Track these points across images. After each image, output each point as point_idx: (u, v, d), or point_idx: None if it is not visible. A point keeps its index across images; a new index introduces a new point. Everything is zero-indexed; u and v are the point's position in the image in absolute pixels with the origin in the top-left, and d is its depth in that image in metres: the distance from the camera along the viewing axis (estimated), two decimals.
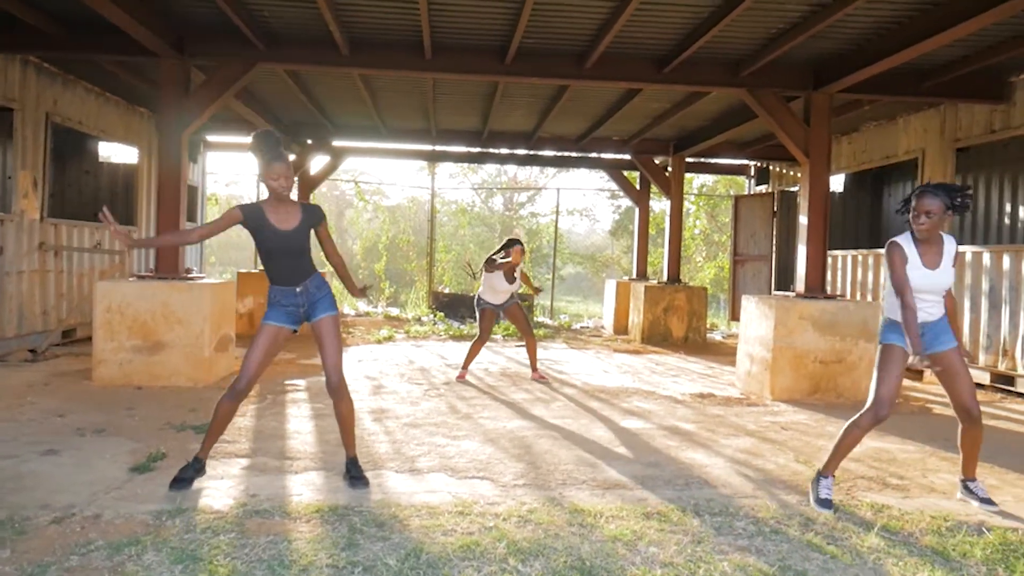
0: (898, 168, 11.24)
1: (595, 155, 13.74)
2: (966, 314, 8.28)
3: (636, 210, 14.52)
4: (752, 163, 14.34)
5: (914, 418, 6.52)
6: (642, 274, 14.06)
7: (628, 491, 4.10)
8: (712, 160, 14.06)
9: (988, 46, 6.92)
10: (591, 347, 11.38)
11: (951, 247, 3.97)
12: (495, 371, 8.43)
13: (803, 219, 7.81)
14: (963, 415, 4.02)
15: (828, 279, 10.91)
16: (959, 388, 3.99)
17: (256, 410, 5.88)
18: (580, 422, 5.89)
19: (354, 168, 28.08)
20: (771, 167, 13.83)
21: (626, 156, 13.26)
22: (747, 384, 7.65)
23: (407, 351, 10.09)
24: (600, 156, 13.83)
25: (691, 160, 13.40)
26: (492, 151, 13.63)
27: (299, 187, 12.89)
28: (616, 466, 4.62)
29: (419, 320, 14.19)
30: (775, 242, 13.29)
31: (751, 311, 7.73)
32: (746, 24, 6.50)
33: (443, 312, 14.65)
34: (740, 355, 7.94)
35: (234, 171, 42.46)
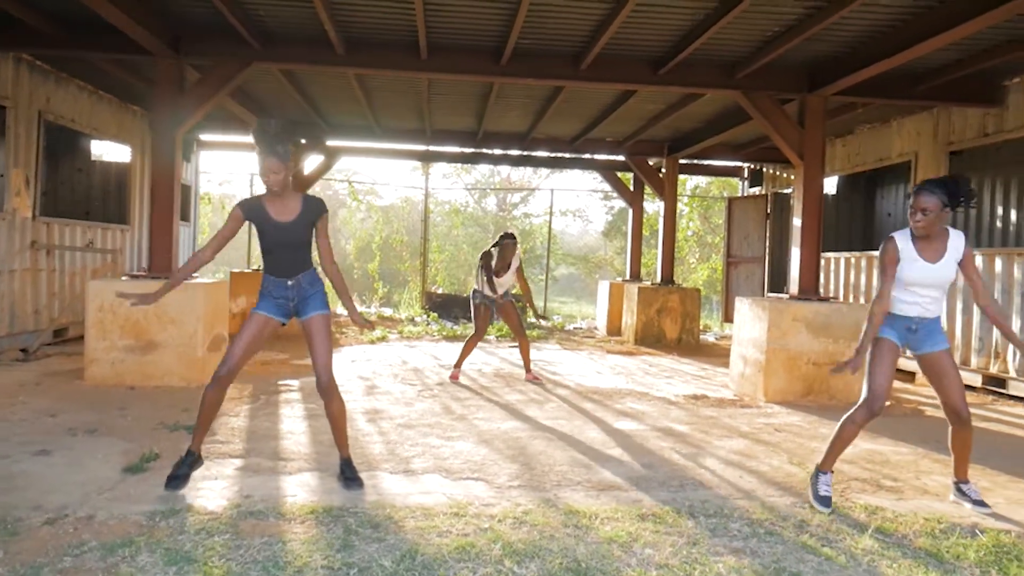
0: (891, 171, 11.28)
1: (589, 156, 13.71)
2: (958, 316, 8.33)
3: (630, 211, 14.52)
4: (746, 165, 14.38)
5: (906, 420, 6.55)
6: (635, 275, 14.08)
7: (623, 492, 4.10)
8: (706, 162, 14.08)
9: (982, 50, 6.95)
10: (584, 348, 11.38)
11: (958, 242, 3.92)
12: (489, 372, 8.43)
13: (797, 221, 7.83)
14: (953, 417, 4.04)
15: (821, 281, 10.94)
16: (949, 390, 4.01)
17: (249, 410, 5.86)
18: (574, 423, 5.89)
19: (347, 168, 28.02)
20: (765, 169, 13.87)
21: (620, 157, 13.26)
22: (740, 386, 7.67)
23: (400, 351, 10.07)
24: (594, 157, 13.81)
25: (685, 162, 13.42)
26: (486, 151, 13.61)
27: (293, 186, 12.82)
28: (610, 467, 4.62)
29: (412, 320, 14.16)
30: (768, 244, 13.34)
31: (745, 313, 7.75)
32: (742, 26, 6.52)
33: (436, 312, 14.62)
34: (733, 357, 7.96)
35: (227, 170, 42.34)
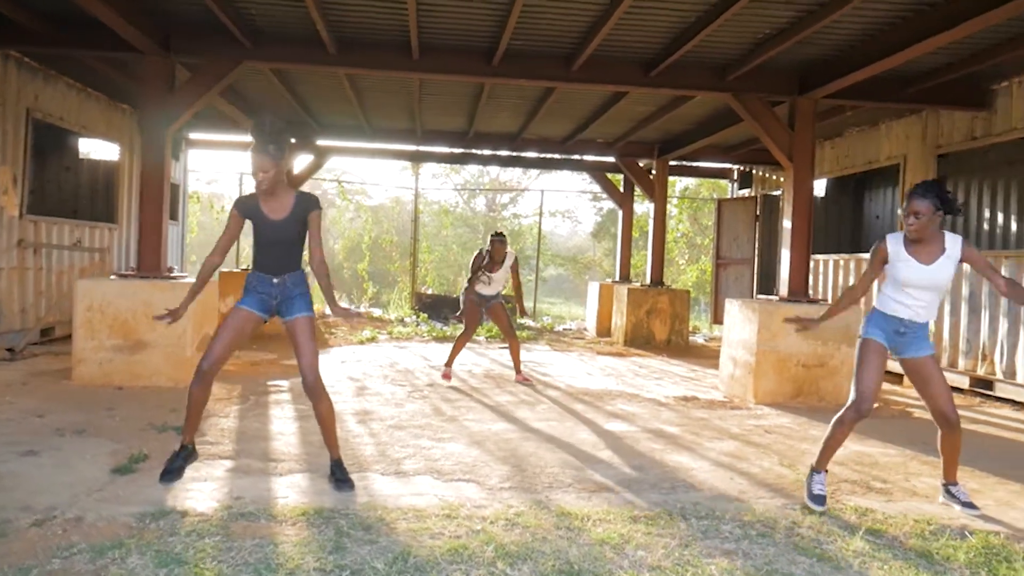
0: (880, 173, 11.35)
1: (578, 157, 13.73)
2: (946, 318, 8.38)
3: (619, 212, 14.54)
4: (735, 167, 14.43)
5: (894, 422, 6.58)
6: (625, 277, 14.09)
7: (614, 494, 4.10)
8: (695, 163, 14.13)
9: (971, 54, 7.00)
10: (574, 349, 11.39)
11: (954, 244, 3.90)
12: (479, 373, 8.42)
13: (787, 223, 7.86)
14: (942, 421, 4.05)
15: (811, 283, 10.99)
16: (936, 395, 4.03)
17: (239, 411, 5.83)
18: (565, 425, 5.89)
19: (336, 167, 27.97)
20: (754, 171, 13.93)
21: (610, 158, 13.28)
22: (730, 387, 7.69)
23: (390, 352, 10.04)
24: (584, 158, 13.84)
25: (675, 163, 13.45)
26: (476, 152, 13.61)
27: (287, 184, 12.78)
28: (602, 469, 4.62)
29: (402, 321, 14.12)
30: (757, 246, 13.39)
31: (734, 315, 7.77)
32: (733, 29, 6.54)
33: (426, 313, 14.59)
34: (723, 358, 7.98)
35: (216, 169, 42.13)
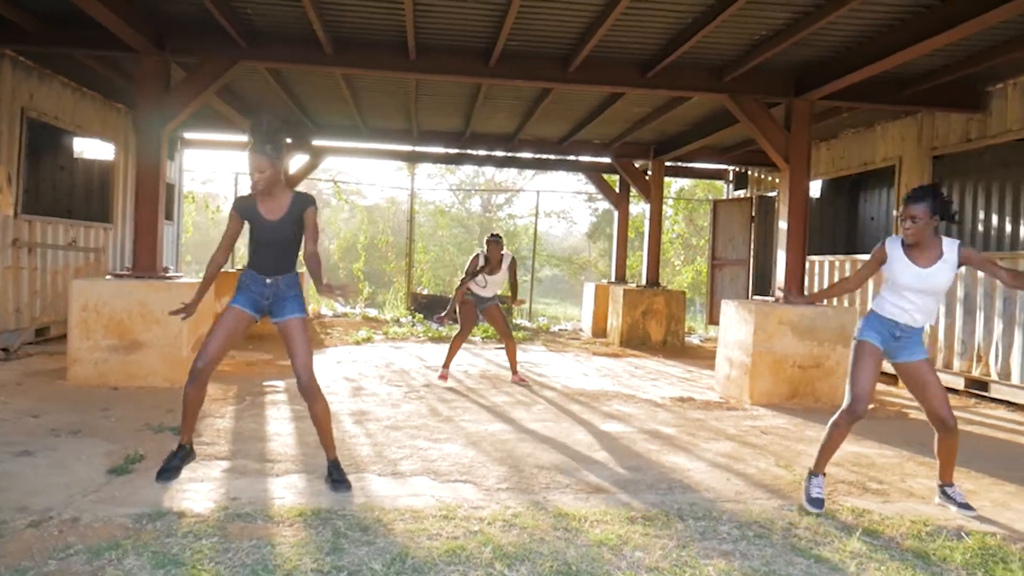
0: (875, 175, 11.38)
1: (574, 158, 13.73)
2: (941, 320, 8.40)
3: (615, 213, 14.55)
4: (731, 168, 14.44)
5: (890, 423, 6.60)
6: (621, 277, 14.11)
7: (612, 495, 4.10)
8: (691, 164, 14.14)
9: (967, 56, 7.03)
10: (570, 350, 11.39)
11: (952, 249, 3.91)
12: (475, 373, 8.41)
13: (782, 224, 7.87)
14: (938, 425, 4.06)
15: (806, 284, 11.01)
16: (932, 399, 4.03)
17: (235, 411, 5.81)
18: (561, 425, 5.89)
19: (332, 167, 27.88)
20: (750, 172, 13.94)
21: (606, 159, 13.28)
22: (726, 388, 7.70)
23: (386, 353, 10.03)
24: (580, 159, 13.83)
25: (671, 164, 13.45)
26: (472, 152, 13.60)
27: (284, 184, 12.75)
28: (598, 470, 4.62)
29: (398, 321, 14.10)
30: (753, 247, 13.41)
31: (731, 315, 7.78)
32: (730, 30, 6.55)
33: (422, 313, 14.59)
34: (719, 359, 7.99)
35: (211, 168, 41.99)
